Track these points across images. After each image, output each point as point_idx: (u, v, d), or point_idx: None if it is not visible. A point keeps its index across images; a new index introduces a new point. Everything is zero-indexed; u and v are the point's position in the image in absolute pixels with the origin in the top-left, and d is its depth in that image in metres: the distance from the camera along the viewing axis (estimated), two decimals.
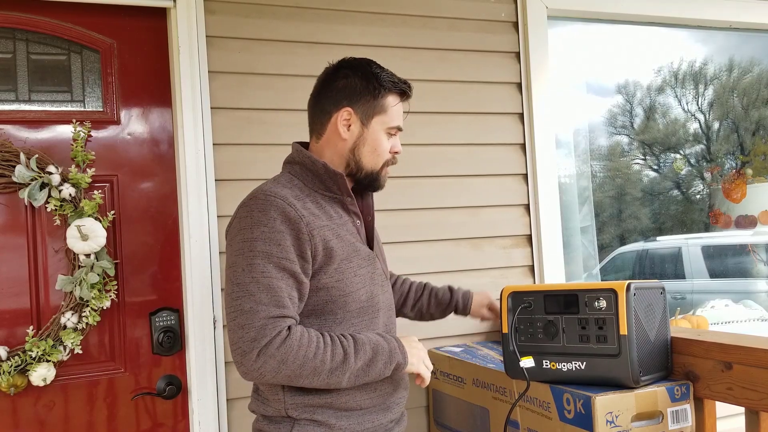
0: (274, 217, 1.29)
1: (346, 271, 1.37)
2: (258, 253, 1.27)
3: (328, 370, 1.27)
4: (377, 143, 1.44)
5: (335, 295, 1.36)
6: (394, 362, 1.35)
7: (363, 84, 1.42)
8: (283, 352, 1.23)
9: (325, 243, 1.33)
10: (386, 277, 1.52)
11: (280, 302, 1.26)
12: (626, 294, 1.41)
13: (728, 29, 2.80)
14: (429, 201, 2.23)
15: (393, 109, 1.45)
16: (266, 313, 1.24)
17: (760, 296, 3.28)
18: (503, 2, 2.36)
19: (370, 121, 1.43)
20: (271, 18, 2.07)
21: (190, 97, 1.94)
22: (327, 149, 1.45)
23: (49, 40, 1.95)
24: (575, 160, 2.76)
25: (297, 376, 1.26)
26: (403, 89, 1.46)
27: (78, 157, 1.91)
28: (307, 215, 1.32)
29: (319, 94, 1.46)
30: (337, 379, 1.29)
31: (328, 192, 1.41)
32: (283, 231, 1.28)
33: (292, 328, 1.26)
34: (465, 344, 2.17)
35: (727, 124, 3.88)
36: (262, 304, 1.24)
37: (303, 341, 1.25)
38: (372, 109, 1.42)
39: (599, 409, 1.37)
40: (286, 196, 1.32)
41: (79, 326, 1.87)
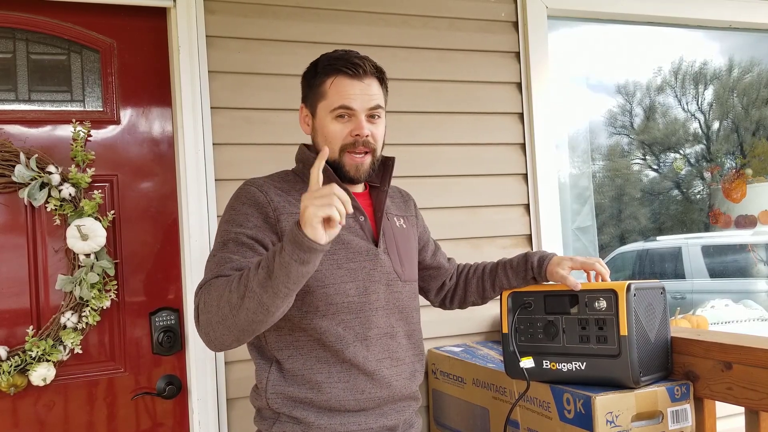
0: (243, 201, 1.33)
1: (324, 262, 1.31)
2: (221, 233, 1.31)
3: (240, 295, 1.12)
4: (326, 129, 1.37)
5: (313, 285, 1.31)
6: (289, 242, 1.08)
7: (308, 76, 1.42)
8: (205, 300, 1.19)
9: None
10: (399, 278, 1.43)
11: (221, 272, 1.22)
12: (626, 294, 1.41)
13: (728, 29, 2.81)
14: (429, 201, 2.23)
15: (331, 90, 1.35)
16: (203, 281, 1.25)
17: (760, 296, 3.29)
18: (503, 2, 2.36)
19: (316, 110, 1.40)
20: (272, 18, 2.07)
21: (190, 97, 1.94)
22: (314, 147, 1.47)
23: (49, 39, 1.95)
24: (575, 160, 2.76)
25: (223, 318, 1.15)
26: (338, 67, 1.34)
27: (78, 156, 1.90)
28: (277, 201, 1.33)
29: None
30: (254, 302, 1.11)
31: None
32: (248, 213, 1.31)
33: (212, 280, 1.22)
34: (465, 344, 2.17)
35: (727, 124, 3.88)
36: (207, 273, 1.26)
37: (218, 283, 1.19)
38: (315, 98, 1.39)
39: (599, 409, 1.37)
40: (262, 184, 1.36)
41: (79, 326, 1.87)
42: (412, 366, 1.45)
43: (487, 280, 1.65)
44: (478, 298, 1.69)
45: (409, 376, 1.43)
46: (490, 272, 1.65)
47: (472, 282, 1.67)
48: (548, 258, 1.55)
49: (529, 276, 1.56)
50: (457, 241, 2.25)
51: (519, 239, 2.34)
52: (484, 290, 1.65)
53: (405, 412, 1.43)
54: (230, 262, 1.25)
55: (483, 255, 2.27)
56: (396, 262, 1.43)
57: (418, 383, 1.47)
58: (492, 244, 2.30)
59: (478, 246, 2.28)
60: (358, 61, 1.36)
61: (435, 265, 1.67)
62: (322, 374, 1.31)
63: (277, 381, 1.33)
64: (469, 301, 1.70)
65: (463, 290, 1.69)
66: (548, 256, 1.55)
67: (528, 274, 1.56)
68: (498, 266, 1.64)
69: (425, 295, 1.72)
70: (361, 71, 1.35)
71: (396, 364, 1.39)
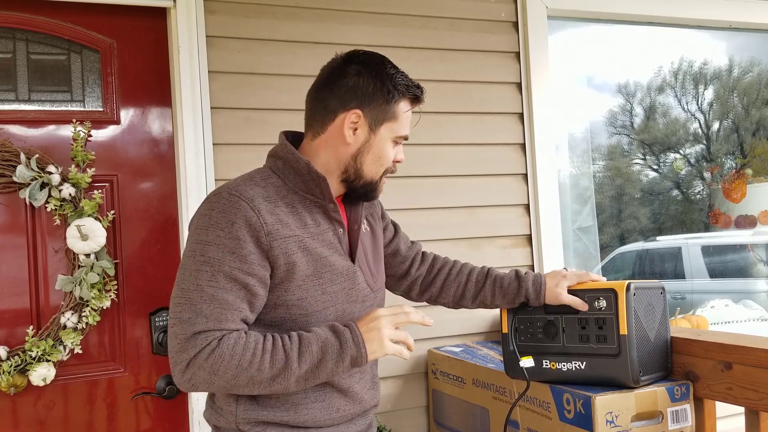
0: (233, 221, 1.16)
1: (311, 288, 1.23)
2: (208, 260, 1.15)
3: (268, 378, 1.15)
4: (382, 152, 1.31)
5: (295, 314, 1.23)
6: (347, 357, 1.17)
7: (376, 85, 1.27)
8: (212, 363, 1.12)
9: (287, 257, 1.19)
10: (372, 290, 1.36)
11: (223, 316, 1.14)
12: (626, 294, 1.41)
13: (728, 29, 2.81)
14: (429, 201, 2.23)
15: (404, 116, 1.32)
16: (202, 326, 1.13)
17: (759, 296, 3.29)
18: (503, 2, 2.36)
19: (379, 128, 1.29)
20: (271, 18, 2.07)
21: (189, 97, 1.94)
22: (324, 150, 1.30)
23: (49, 39, 1.95)
24: (576, 160, 2.76)
25: (233, 386, 1.15)
26: (417, 95, 1.33)
27: (78, 156, 1.91)
28: (271, 223, 1.18)
29: (324, 88, 1.31)
30: (281, 386, 1.16)
31: (310, 195, 1.27)
32: (240, 238, 1.15)
33: (225, 337, 1.13)
34: (465, 344, 2.17)
35: (727, 124, 3.88)
36: (201, 315, 1.13)
37: (236, 350, 1.13)
38: (383, 115, 1.28)
39: (599, 409, 1.37)
40: (253, 198, 1.19)
41: (79, 326, 1.87)
42: (371, 372, 1.39)
43: (470, 290, 1.57)
44: (450, 302, 1.61)
45: (371, 386, 1.38)
46: (476, 283, 1.57)
47: (452, 286, 1.59)
48: (543, 282, 1.51)
49: (520, 300, 1.53)
50: (457, 241, 2.25)
51: (519, 239, 2.33)
52: (462, 298, 1.58)
53: (369, 416, 1.40)
54: (231, 309, 1.15)
55: (483, 255, 2.27)
56: (368, 274, 1.36)
57: (379, 390, 1.42)
58: (492, 244, 2.30)
59: (477, 246, 2.28)
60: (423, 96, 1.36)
61: (390, 251, 1.58)
62: (298, 394, 1.25)
63: (250, 405, 1.24)
64: (440, 302, 1.62)
65: (439, 290, 1.60)
66: (542, 280, 1.52)
67: (519, 298, 1.53)
68: (486, 281, 1.56)
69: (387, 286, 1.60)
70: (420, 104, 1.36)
71: (362, 376, 1.34)
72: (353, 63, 1.30)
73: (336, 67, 1.31)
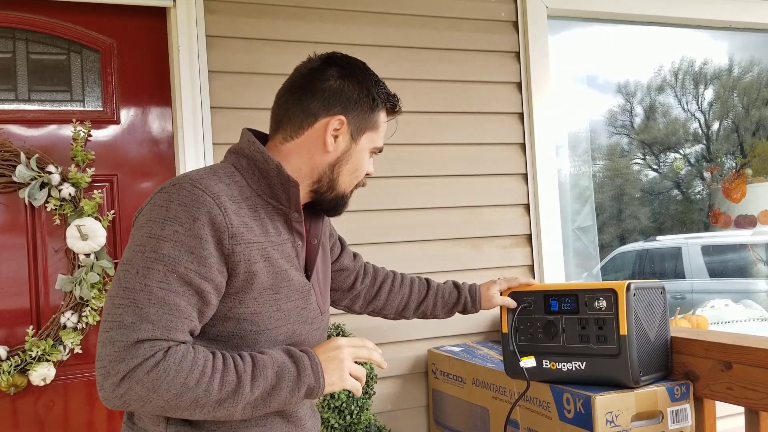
0: (196, 216, 1.02)
1: (266, 303, 1.11)
2: (162, 257, 1.00)
3: (215, 401, 1.01)
4: (360, 163, 1.23)
5: (246, 330, 1.10)
6: (304, 387, 1.07)
7: (361, 92, 1.20)
8: (154, 378, 0.96)
9: (248, 264, 1.07)
10: (320, 312, 1.25)
11: (171, 324, 1.00)
12: (626, 294, 1.41)
13: (728, 29, 2.81)
14: (429, 201, 2.23)
15: (383, 126, 1.26)
16: (148, 334, 0.97)
17: (759, 296, 3.29)
18: (503, 2, 2.36)
19: (360, 136, 1.21)
20: (272, 18, 2.07)
21: (189, 97, 1.94)
22: (297, 155, 1.19)
23: (48, 39, 1.95)
24: (576, 160, 2.76)
25: (173, 407, 1.00)
26: (395, 104, 1.27)
27: (78, 156, 1.90)
28: (236, 224, 1.06)
29: (301, 89, 1.21)
30: (227, 411, 1.03)
31: (273, 200, 1.14)
32: (202, 237, 1.02)
33: (172, 349, 0.99)
34: (465, 344, 2.17)
35: (727, 124, 3.88)
36: (147, 321, 0.98)
37: (183, 365, 0.98)
38: (365, 123, 1.21)
39: (599, 408, 1.37)
40: (219, 194, 1.05)
41: (78, 326, 1.87)
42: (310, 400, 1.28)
43: (412, 302, 1.61)
44: (392, 314, 1.61)
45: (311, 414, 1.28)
46: (418, 293, 1.62)
47: (396, 298, 1.59)
48: (477, 290, 1.63)
49: (458, 309, 1.64)
50: (457, 241, 2.25)
51: (519, 239, 2.34)
52: (405, 309, 1.61)
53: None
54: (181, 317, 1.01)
55: (483, 255, 2.27)
56: (319, 294, 1.26)
57: (318, 418, 1.32)
58: (492, 244, 2.30)
59: (478, 246, 2.28)
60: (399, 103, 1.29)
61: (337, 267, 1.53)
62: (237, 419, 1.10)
63: (181, 427, 1.09)
64: (383, 313, 1.61)
65: (384, 302, 1.59)
66: (476, 288, 1.64)
67: (457, 308, 1.64)
68: (428, 292, 1.62)
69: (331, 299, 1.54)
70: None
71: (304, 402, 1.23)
72: (334, 65, 1.22)
73: (315, 68, 1.23)
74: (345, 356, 1.13)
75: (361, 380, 1.16)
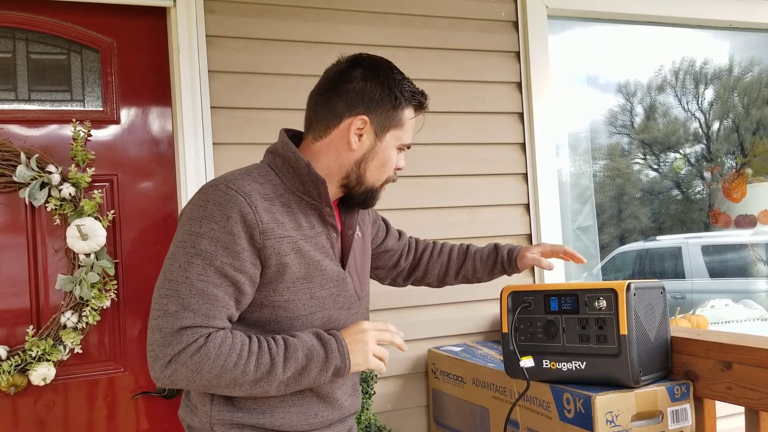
0: (229, 215, 1.14)
1: (299, 291, 1.22)
2: (200, 252, 1.13)
3: (251, 380, 1.14)
4: (387, 158, 1.30)
5: (281, 316, 1.22)
6: (331, 368, 1.19)
7: (383, 91, 1.26)
8: (197, 361, 1.10)
9: (279, 257, 1.18)
10: (358, 297, 1.36)
11: (211, 312, 1.12)
12: (626, 294, 1.41)
13: (728, 29, 2.81)
14: (429, 201, 2.23)
15: (409, 123, 1.32)
16: (189, 321, 1.11)
17: (759, 296, 3.29)
18: (503, 2, 2.36)
19: (384, 134, 1.28)
20: (272, 17, 2.07)
21: (189, 97, 1.94)
22: (326, 154, 1.28)
23: (48, 39, 1.95)
24: (576, 160, 2.76)
25: (214, 386, 1.14)
26: (421, 102, 1.33)
27: (78, 156, 1.90)
28: (266, 221, 1.17)
29: (329, 91, 1.29)
30: (262, 389, 1.16)
31: (306, 196, 1.25)
32: (235, 234, 1.13)
33: (212, 335, 1.12)
34: (465, 344, 2.17)
35: (728, 124, 3.88)
36: (189, 309, 1.11)
37: (222, 349, 1.11)
38: (389, 121, 1.28)
39: (599, 408, 1.37)
40: (250, 193, 1.17)
41: (79, 326, 1.87)
42: (352, 379, 1.39)
43: (452, 267, 1.66)
44: (435, 281, 1.69)
45: (352, 393, 1.38)
46: (457, 259, 1.66)
47: (435, 265, 1.68)
48: (517, 249, 1.62)
49: (498, 268, 1.62)
50: (457, 241, 2.25)
51: (519, 239, 2.33)
52: (446, 276, 1.67)
53: (348, 422, 1.40)
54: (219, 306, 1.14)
55: None
56: (356, 281, 1.36)
57: (359, 397, 1.42)
58: None
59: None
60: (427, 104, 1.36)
61: (382, 249, 1.64)
62: (276, 398, 1.23)
63: (224, 406, 1.22)
64: (425, 281, 1.70)
65: (423, 271, 1.69)
66: (517, 248, 1.62)
67: (497, 267, 1.62)
68: (467, 255, 1.66)
69: (376, 277, 1.68)
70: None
71: (343, 382, 1.34)
72: (359, 67, 1.29)
73: (341, 70, 1.29)
74: (369, 339, 1.23)
75: (384, 360, 1.26)
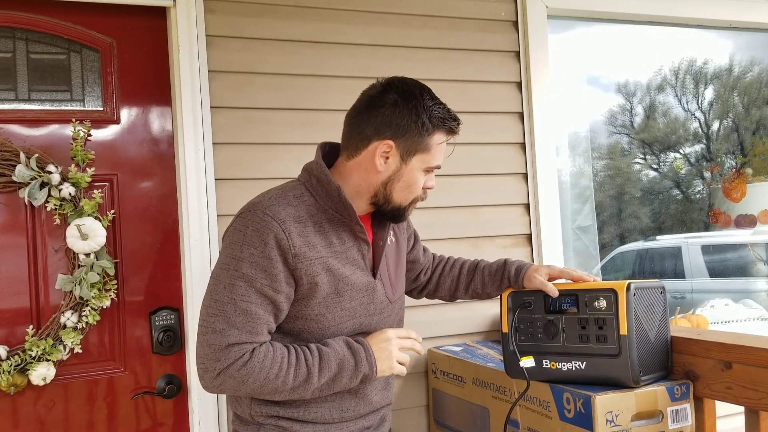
0: (266, 241, 1.24)
1: (330, 306, 1.33)
2: (242, 276, 1.25)
3: (290, 388, 1.28)
4: (413, 181, 1.35)
5: (313, 327, 1.34)
6: (360, 374, 1.33)
7: (411, 118, 1.30)
8: (243, 374, 1.23)
9: (310, 278, 1.28)
10: (390, 301, 1.45)
11: (254, 329, 1.25)
12: (626, 294, 1.41)
13: (728, 29, 2.80)
14: (429, 201, 2.20)
15: (437, 148, 1.35)
16: (236, 338, 1.24)
17: (759, 295, 3.29)
18: (503, 1, 2.36)
19: (410, 158, 1.33)
20: (272, 17, 2.07)
21: (189, 97, 1.94)
22: (356, 173, 1.35)
23: (48, 39, 1.95)
24: (576, 160, 2.76)
25: (257, 393, 1.28)
26: (452, 128, 1.36)
27: (78, 156, 1.90)
28: (299, 245, 1.26)
29: (361, 113, 1.34)
30: (300, 394, 1.30)
31: (338, 214, 1.33)
32: (272, 258, 1.24)
33: (256, 350, 1.25)
34: (465, 343, 2.17)
35: (727, 123, 3.88)
36: (235, 327, 1.24)
37: (265, 363, 1.25)
38: (415, 146, 1.32)
39: (599, 408, 1.37)
40: (285, 220, 1.26)
41: (78, 325, 1.87)
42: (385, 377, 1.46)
43: (462, 282, 1.68)
44: (446, 295, 1.72)
45: (384, 387, 1.47)
46: (467, 274, 1.68)
47: (446, 280, 1.70)
48: (525, 267, 1.58)
49: (505, 284, 1.60)
50: (457, 241, 2.25)
51: (519, 239, 2.33)
52: (456, 290, 1.70)
53: (381, 412, 1.48)
54: (261, 323, 1.26)
55: (483, 255, 2.26)
56: (388, 286, 1.44)
57: (392, 391, 1.51)
58: (492, 244, 2.30)
59: (478, 246, 2.28)
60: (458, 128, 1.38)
61: (410, 258, 1.68)
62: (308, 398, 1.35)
63: (263, 401, 1.35)
64: (437, 295, 1.73)
65: (435, 285, 1.73)
66: (526, 266, 1.59)
67: (504, 283, 1.60)
68: (476, 270, 1.67)
69: None
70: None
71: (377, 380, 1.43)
72: (392, 92, 1.32)
73: (374, 94, 1.34)
74: (393, 347, 1.36)
75: (405, 365, 1.39)
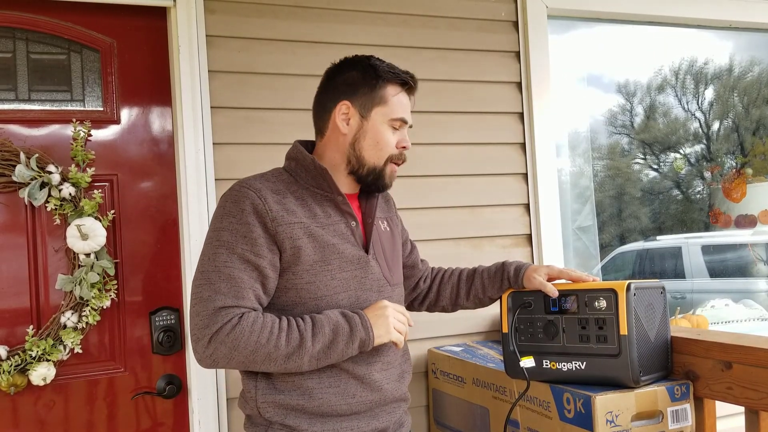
0: (243, 208, 1.28)
1: (319, 273, 1.33)
2: (223, 243, 1.27)
3: (284, 355, 1.25)
4: (379, 135, 1.39)
5: (305, 297, 1.33)
6: (356, 340, 1.29)
7: (360, 76, 1.38)
8: (233, 339, 1.22)
9: (292, 241, 1.30)
10: (389, 283, 1.45)
11: (239, 293, 1.25)
12: (626, 294, 1.41)
13: (728, 29, 2.80)
14: (429, 201, 2.23)
15: (394, 99, 1.39)
16: (222, 303, 1.24)
17: (759, 296, 3.29)
18: (503, 2, 2.36)
19: (369, 113, 1.38)
20: (271, 17, 2.07)
21: (189, 97, 1.94)
22: (329, 147, 1.41)
23: (49, 39, 1.95)
24: (576, 160, 2.76)
25: (251, 362, 1.25)
26: (404, 79, 1.40)
27: (78, 156, 1.90)
28: (276, 209, 1.29)
29: (321, 93, 1.44)
30: (296, 363, 1.26)
31: (319, 189, 1.37)
32: (250, 223, 1.27)
33: (245, 315, 1.24)
34: (465, 344, 2.17)
35: (728, 124, 3.88)
36: (220, 293, 1.24)
37: (255, 327, 1.23)
38: (371, 101, 1.38)
39: (599, 408, 1.37)
40: (260, 189, 1.31)
41: (79, 326, 1.87)
42: (400, 368, 1.46)
43: (462, 288, 1.67)
44: (449, 305, 1.70)
45: (398, 378, 1.45)
46: (467, 279, 1.67)
47: (446, 287, 1.69)
48: (525, 267, 1.57)
49: (505, 285, 1.60)
50: (457, 241, 2.25)
51: (519, 239, 2.34)
52: (458, 297, 1.68)
53: (395, 413, 1.43)
54: (246, 287, 1.26)
55: (483, 255, 2.27)
56: (384, 267, 1.45)
57: (407, 384, 1.49)
58: (492, 244, 2.30)
59: (478, 246, 2.28)
60: (414, 82, 1.43)
61: (410, 263, 1.69)
62: (313, 380, 1.32)
63: (267, 389, 1.33)
64: (439, 305, 1.71)
65: (436, 294, 1.71)
66: (525, 266, 1.58)
67: (504, 284, 1.59)
68: (475, 275, 1.66)
69: None
70: (414, 91, 1.45)
71: (386, 368, 1.40)
72: (342, 65, 1.43)
73: (329, 73, 1.44)
74: (390, 314, 1.34)
75: (403, 334, 1.36)
